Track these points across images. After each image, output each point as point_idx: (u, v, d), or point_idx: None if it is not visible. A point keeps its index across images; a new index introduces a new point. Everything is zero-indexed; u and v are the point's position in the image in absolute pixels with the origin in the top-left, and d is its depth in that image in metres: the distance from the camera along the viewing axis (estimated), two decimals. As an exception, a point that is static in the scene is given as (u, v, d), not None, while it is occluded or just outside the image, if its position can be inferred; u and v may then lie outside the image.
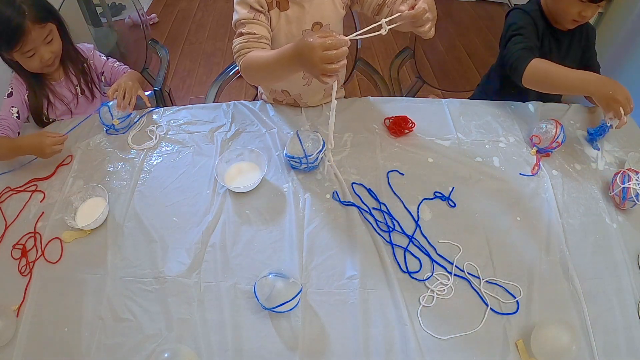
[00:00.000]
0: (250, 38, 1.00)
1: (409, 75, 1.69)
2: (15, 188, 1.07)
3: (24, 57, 1.12)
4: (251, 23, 1.02)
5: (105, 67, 1.34)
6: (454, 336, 0.80)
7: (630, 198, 0.97)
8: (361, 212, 0.98)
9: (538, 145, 1.11)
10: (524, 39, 1.17)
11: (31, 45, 1.09)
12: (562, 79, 1.08)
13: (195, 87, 2.62)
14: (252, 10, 1.02)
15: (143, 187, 1.05)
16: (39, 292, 0.88)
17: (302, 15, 1.07)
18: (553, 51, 1.26)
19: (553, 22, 1.23)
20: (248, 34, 1.01)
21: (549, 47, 1.25)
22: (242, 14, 1.02)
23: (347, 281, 0.88)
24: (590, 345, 0.79)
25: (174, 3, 3.42)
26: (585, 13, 1.14)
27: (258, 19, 1.02)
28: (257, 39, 1.01)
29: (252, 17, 1.02)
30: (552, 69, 1.09)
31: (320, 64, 0.76)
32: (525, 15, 1.22)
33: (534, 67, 1.10)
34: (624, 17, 1.92)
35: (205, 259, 0.91)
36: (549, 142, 1.08)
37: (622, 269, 0.90)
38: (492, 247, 0.93)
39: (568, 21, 1.18)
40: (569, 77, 1.07)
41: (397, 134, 1.15)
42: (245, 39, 1.00)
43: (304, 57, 0.78)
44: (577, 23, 1.18)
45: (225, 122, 1.19)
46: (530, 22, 1.21)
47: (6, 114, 1.17)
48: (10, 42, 1.07)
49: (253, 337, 0.81)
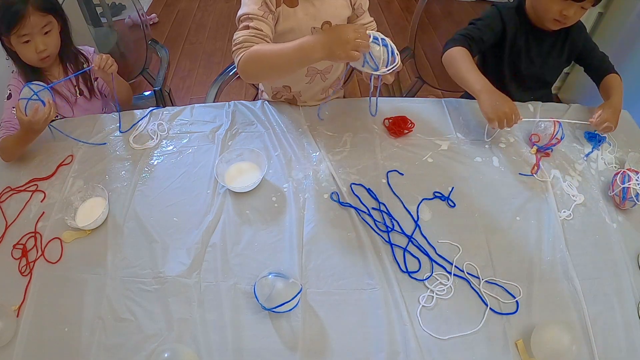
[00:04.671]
0: (257, 34, 1.00)
1: (409, 75, 1.70)
2: (16, 188, 1.07)
3: (19, 44, 1.13)
4: (260, 20, 1.01)
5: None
6: (454, 336, 0.80)
7: (630, 198, 0.97)
8: (359, 213, 0.98)
9: (538, 143, 1.11)
10: (473, 28, 1.22)
11: (28, 30, 1.11)
12: (461, 72, 1.14)
13: (195, 87, 2.62)
14: (262, 8, 1.01)
15: (143, 187, 1.05)
16: (39, 292, 0.88)
17: (312, 12, 1.07)
18: (532, 50, 1.26)
19: (537, 22, 1.22)
20: (255, 29, 1.00)
21: (527, 45, 1.25)
22: (251, 8, 1.01)
23: (347, 281, 0.88)
24: (590, 345, 0.79)
25: (174, 3, 3.42)
26: (566, 12, 1.12)
27: (267, 18, 1.02)
28: (263, 37, 1.00)
29: (262, 14, 1.01)
30: (459, 62, 1.15)
31: (353, 41, 0.85)
32: (494, 12, 1.24)
33: (451, 53, 1.17)
34: (624, 17, 1.92)
35: (206, 259, 0.91)
36: (548, 139, 1.08)
37: (622, 269, 0.90)
38: (491, 247, 0.93)
39: (549, 20, 1.16)
40: (467, 73, 1.13)
41: (396, 134, 1.15)
42: (251, 33, 1.00)
43: (333, 38, 0.87)
44: (559, 23, 1.16)
45: (225, 122, 1.19)
46: (495, 18, 1.23)
47: (9, 116, 1.18)
48: (10, 24, 1.09)
49: (253, 337, 0.81)
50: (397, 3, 3.34)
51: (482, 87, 1.08)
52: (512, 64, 1.29)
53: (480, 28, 1.22)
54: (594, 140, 1.15)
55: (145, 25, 1.63)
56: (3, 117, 1.18)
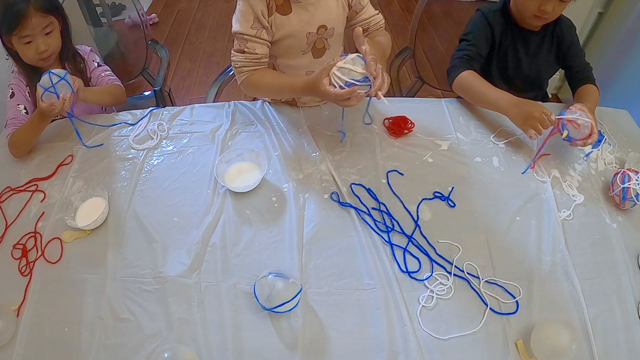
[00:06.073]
0: (252, 58, 1.06)
1: (409, 75, 1.70)
2: (16, 188, 1.07)
3: (21, 44, 1.13)
4: (253, 42, 1.05)
5: (93, 73, 1.33)
6: (454, 336, 0.80)
7: (630, 198, 0.97)
8: (359, 213, 0.98)
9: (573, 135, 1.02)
10: (468, 45, 1.23)
11: (29, 31, 1.11)
12: (480, 94, 1.15)
13: (195, 87, 2.63)
14: (255, 26, 1.03)
15: (143, 187, 1.05)
16: (39, 292, 0.88)
17: (306, 18, 1.07)
18: (519, 50, 1.26)
19: (520, 21, 1.23)
20: (250, 54, 1.06)
21: (514, 46, 1.25)
22: (244, 28, 1.04)
23: (347, 281, 0.88)
24: (590, 345, 0.79)
25: (174, 3, 3.42)
26: (544, 7, 1.11)
27: (260, 37, 1.05)
28: (259, 59, 1.07)
29: (254, 34, 1.04)
30: (474, 84, 1.15)
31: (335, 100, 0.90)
32: (481, 19, 1.24)
33: (461, 79, 1.17)
34: (624, 17, 1.92)
35: (206, 259, 0.91)
36: (582, 136, 1.01)
37: (622, 269, 0.90)
38: (491, 247, 0.93)
39: (529, 17, 1.17)
40: (487, 94, 1.13)
41: (396, 134, 1.15)
42: (247, 59, 1.06)
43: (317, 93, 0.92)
44: (540, 20, 1.16)
45: (225, 122, 1.19)
46: (482, 26, 1.23)
47: (15, 113, 1.19)
48: (11, 25, 1.09)
49: (253, 337, 0.81)
50: (397, 3, 3.34)
51: (507, 103, 1.09)
52: (500, 65, 1.29)
53: (474, 43, 1.23)
54: None
55: (145, 25, 1.63)
56: (8, 115, 1.19)
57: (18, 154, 1.13)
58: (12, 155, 1.13)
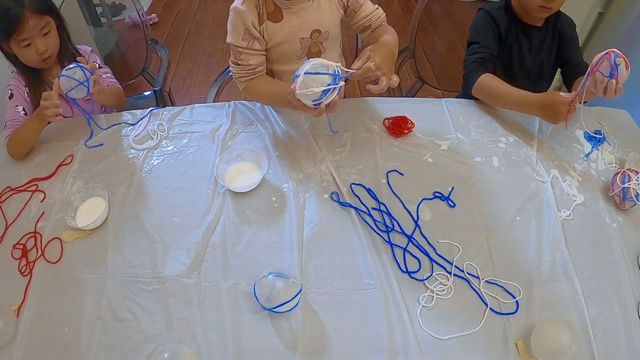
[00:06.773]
0: (247, 70, 1.09)
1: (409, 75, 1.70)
2: (16, 188, 1.07)
3: (20, 48, 1.13)
4: (246, 54, 1.07)
5: None
6: (454, 336, 0.80)
7: (630, 198, 0.97)
8: (359, 213, 0.98)
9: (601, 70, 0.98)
10: (479, 48, 1.23)
11: (27, 34, 1.11)
12: (503, 95, 1.15)
13: (195, 87, 2.63)
14: (246, 38, 1.05)
15: (143, 187, 1.05)
16: (39, 292, 0.88)
17: (297, 24, 1.08)
18: (523, 46, 1.27)
19: (523, 17, 1.23)
20: (244, 66, 1.08)
21: (517, 42, 1.26)
22: (236, 39, 1.06)
23: (347, 281, 0.88)
24: (590, 345, 0.79)
25: (174, 3, 3.42)
26: None
27: (252, 48, 1.06)
28: (254, 69, 1.09)
29: (246, 46, 1.06)
30: (495, 86, 1.15)
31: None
32: (486, 18, 1.25)
33: (481, 83, 1.17)
34: (624, 17, 1.92)
35: (206, 259, 0.91)
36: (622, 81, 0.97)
37: (622, 269, 0.90)
38: (491, 247, 0.93)
39: (535, 9, 1.17)
40: (510, 94, 1.13)
41: (396, 134, 1.15)
42: (242, 71, 1.10)
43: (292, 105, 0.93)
44: (545, 11, 1.17)
45: (225, 122, 1.19)
46: (488, 25, 1.24)
47: (13, 115, 1.19)
48: (8, 30, 1.09)
49: (253, 337, 0.81)
50: (397, 3, 3.34)
51: (533, 103, 1.09)
52: (504, 61, 1.29)
53: (485, 44, 1.23)
54: (594, 140, 1.15)
55: (145, 25, 1.63)
56: (7, 116, 1.19)
57: (16, 155, 1.13)
58: (11, 157, 1.14)
